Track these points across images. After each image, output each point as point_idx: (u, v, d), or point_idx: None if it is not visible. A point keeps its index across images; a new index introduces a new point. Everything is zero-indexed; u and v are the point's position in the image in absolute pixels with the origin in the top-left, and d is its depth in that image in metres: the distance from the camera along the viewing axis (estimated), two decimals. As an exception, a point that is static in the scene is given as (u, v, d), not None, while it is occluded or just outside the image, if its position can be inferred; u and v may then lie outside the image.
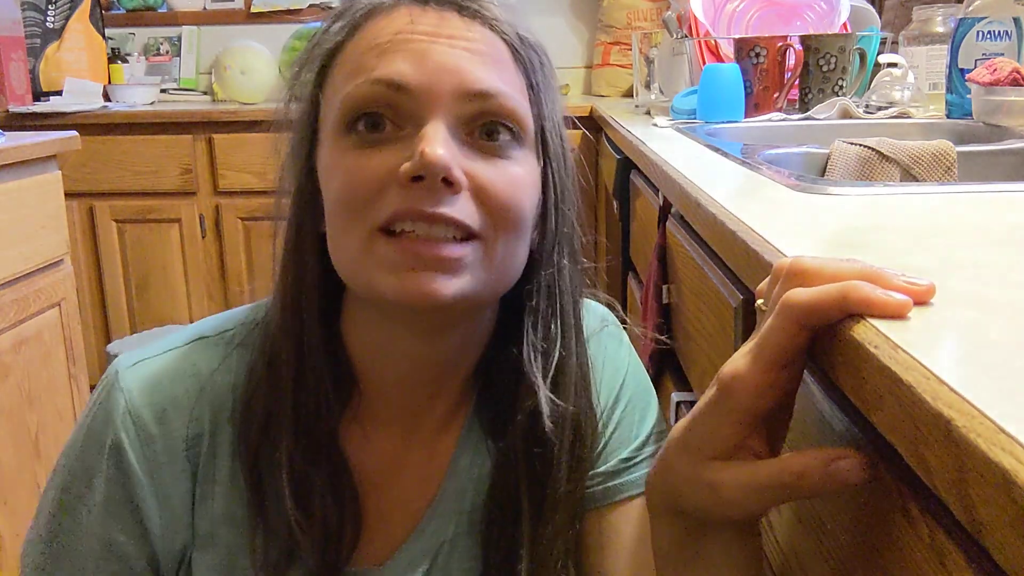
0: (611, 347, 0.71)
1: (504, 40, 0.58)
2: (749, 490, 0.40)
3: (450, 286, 0.54)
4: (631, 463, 0.67)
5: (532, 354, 0.61)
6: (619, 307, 0.74)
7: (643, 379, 0.72)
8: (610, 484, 0.67)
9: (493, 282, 0.57)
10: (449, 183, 0.53)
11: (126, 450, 0.60)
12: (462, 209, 0.54)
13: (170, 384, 0.61)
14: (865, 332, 0.36)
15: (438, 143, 0.52)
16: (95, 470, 0.60)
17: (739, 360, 0.41)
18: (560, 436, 0.62)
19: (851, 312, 0.37)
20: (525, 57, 0.59)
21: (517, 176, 0.56)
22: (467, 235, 0.54)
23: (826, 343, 0.39)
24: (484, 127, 0.56)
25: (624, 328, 0.74)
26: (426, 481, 0.66)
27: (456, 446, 0.66)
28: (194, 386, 0.62)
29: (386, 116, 0.55)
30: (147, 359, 0.63)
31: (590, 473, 0.67)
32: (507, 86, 0.56)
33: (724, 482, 0.41)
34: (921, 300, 0.38)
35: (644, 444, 0.68)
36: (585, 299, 0.71)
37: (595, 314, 0.72)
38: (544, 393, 0.61)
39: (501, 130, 0.56)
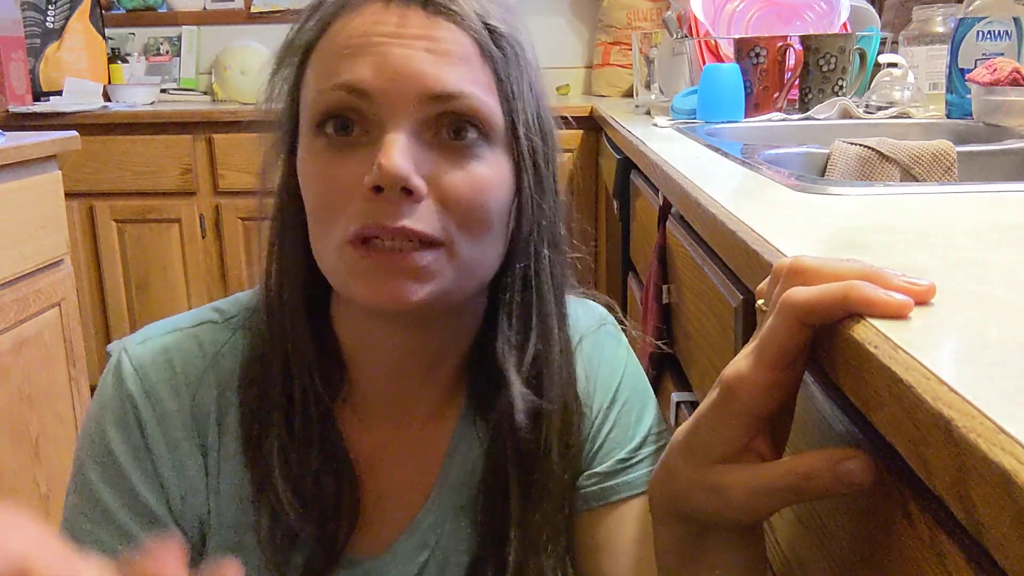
0: (608, 346, 0.71)
1: (471, 35, 0.57)
2: (756, 493, 0.40)
3: (419, 291, 0.55)
4: (628, 464, 0.67)
5: (506, 348, 0.62)
6: (618, 309, 0.74)
7: (641, 380, 0.72)
8: (607, 484, 0.67)
9: (463, 282, 0.58)
10: (409, 192, 0.53)
11: (145, 423, 0.61)
12: (423, 218, 0.54)
13: (180, 361, 0.63)
14: (865, 332, 0.36)
15: (396, 153, 0.52)
16: (117, 446, 0.61)
17: (741, 361, 0.41)
18: (545, 426, 0.63)
19: (852, 311, 0.37)
20: (494, 52, 0.57)
21: (483, 177, 0.56)
22: (431, 242, 0.55)
23: (826, 343, 0.39)
24: (451, 125, 0.55)
25: (623, 330, 0.74)
26: (423, 470, 0.66)
27: (452, 434, 0.66)
28: (202, 364, 0.63)
29: (353, 119, 0.55)
30: (155, 337, 0.64)
31: (586, 473, 0.67)
32: (471, 85, 0.56)
33: (730, 485, 0.41)
34: (922, 300, 0.38)
35: (641, 445, 0.68)
36: (584, 299, 0.71)
37: (593, 313, 0.72)
38: (517, 388, 0.61)
39: (468, 128, 0.56)
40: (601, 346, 0.70)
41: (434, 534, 0.66)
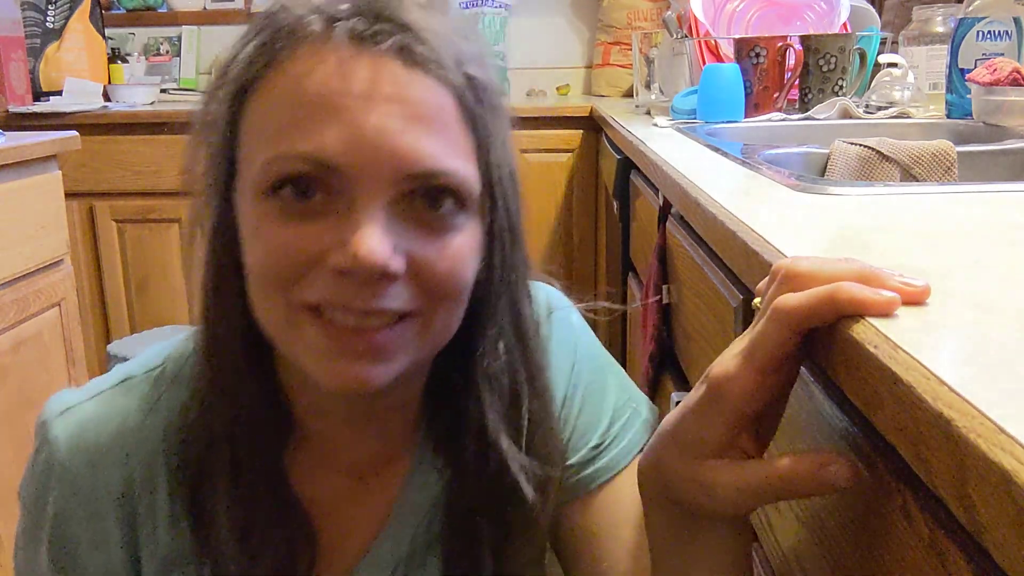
0: (559, 332, 0.68)
1: (451, 91, 0.51)
2: (742, 491, 0.41)
3: (382, 373, 0.51)
4: (601, 447, 0.66)
5: (496, 419, 0.59)
6: (556, 283, 0.71)
7: (596, 355, 0.70)
8: (583, 475, 0.66)
9: (429, 350, 0.55)
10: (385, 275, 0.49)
11: (61, 505, 0.59)
12: (398, 295, 0.50)
13: (96, 433, 0.59)
14: (865, 332, 0.35)
15: (374, 237, 0.47)
16: (39, 521, 0.60)
17: (730, 361, 0.41)
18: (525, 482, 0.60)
19: (842, 313, 0.37)
20: (474, 108, 0.52)
21: (460, 248, 0.52)
22: (401, 315, 0.51)
23: (826, 343, 0.39)
24: (427, 196, 0.51)
25: (573, 300, 0.71)
26: (380, 504, 0.64)
27: (410, 466, 0.64)
28: (122, 433, 0.59)
29: (315, 187, 0.49)
30: (75, 406, 0.60)
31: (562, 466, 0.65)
32: (452, 156, 0.50)
33: (717, 483, 0.42)
34: (916, 300, 0.38)
35: (611, 424, 0.67)
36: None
37: (538, 303, 0.66)
38: (519, 463, 0.59)
39: (445, 199, 0.51)
40: (552, 336, 0.67)
41: (392, 560, 0.64)
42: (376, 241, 0.47)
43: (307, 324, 0.50)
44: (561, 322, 0.69)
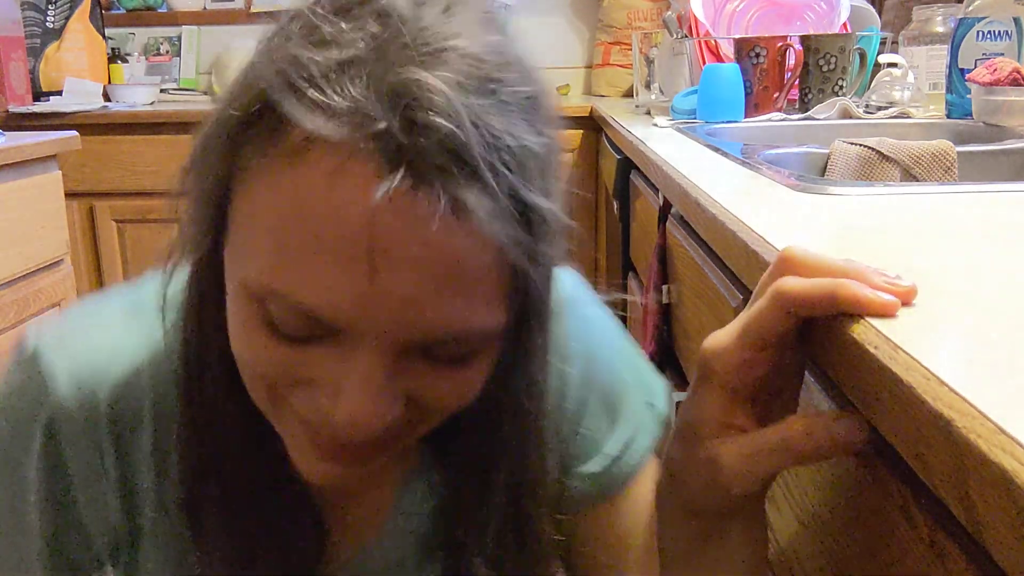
0: (573, 329, 0.61)
1: (500, 238, 0.40)
2: (748, 457, 0.40)
3: (363, 472, 0.49)
4: (616, 456, 0.63)
5: (469, 526, 0.57)
6: (576, 273, 0.65)
7: (613, 355, 0.64)
8: (599, 483, 0.63)
9: (419, 438, 0.51)
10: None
11: (56, 443, 0.53)
12: (392, 421, 0.44)
13: (104, 366, 0.53)
14: (865, 332, 0.36)
15: (367, 402, 0.42)
16: (25, 465, 0.54)
17: (721, 335, 0.42)
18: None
19: (840, 309, 0.38)
20: (521, 253, 0.41)
21: (472, 377, 0.46)
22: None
23: (826, 343, 0.39)
24: (444, 346, 0.44)
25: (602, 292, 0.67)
26: (382, 503, 0.62)
27: (411, 466, 0.62)
28: (131, 367, 0.54)
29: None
30: (77, 336, 0.55)
31: (578, 473, 0.63)
32: (484, 308, 0.42)
33: (722, 454, 0.41)
34: (902, 301, 0.39)
35: (626, 430, 0.63)
36: None
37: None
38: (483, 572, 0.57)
39: (465, 348, 0.44)
40: (565, 332, 0.59)
41: (386, 562, 0.62)
42: (367, 408, 0.42)
43: (292, 418, 0.46)
44: (576, 317, 0.61)
